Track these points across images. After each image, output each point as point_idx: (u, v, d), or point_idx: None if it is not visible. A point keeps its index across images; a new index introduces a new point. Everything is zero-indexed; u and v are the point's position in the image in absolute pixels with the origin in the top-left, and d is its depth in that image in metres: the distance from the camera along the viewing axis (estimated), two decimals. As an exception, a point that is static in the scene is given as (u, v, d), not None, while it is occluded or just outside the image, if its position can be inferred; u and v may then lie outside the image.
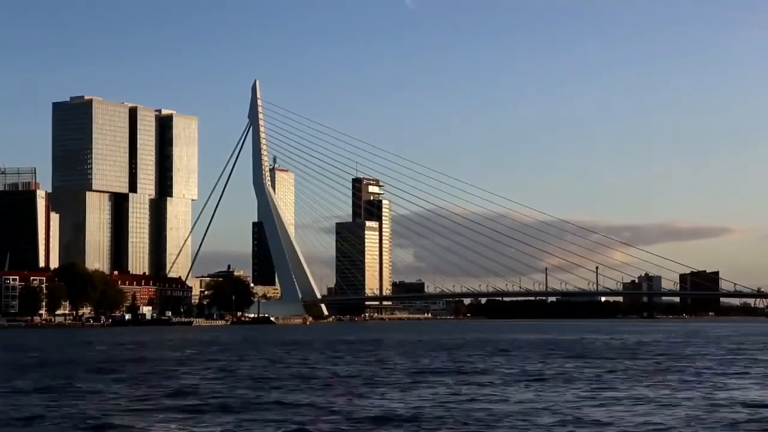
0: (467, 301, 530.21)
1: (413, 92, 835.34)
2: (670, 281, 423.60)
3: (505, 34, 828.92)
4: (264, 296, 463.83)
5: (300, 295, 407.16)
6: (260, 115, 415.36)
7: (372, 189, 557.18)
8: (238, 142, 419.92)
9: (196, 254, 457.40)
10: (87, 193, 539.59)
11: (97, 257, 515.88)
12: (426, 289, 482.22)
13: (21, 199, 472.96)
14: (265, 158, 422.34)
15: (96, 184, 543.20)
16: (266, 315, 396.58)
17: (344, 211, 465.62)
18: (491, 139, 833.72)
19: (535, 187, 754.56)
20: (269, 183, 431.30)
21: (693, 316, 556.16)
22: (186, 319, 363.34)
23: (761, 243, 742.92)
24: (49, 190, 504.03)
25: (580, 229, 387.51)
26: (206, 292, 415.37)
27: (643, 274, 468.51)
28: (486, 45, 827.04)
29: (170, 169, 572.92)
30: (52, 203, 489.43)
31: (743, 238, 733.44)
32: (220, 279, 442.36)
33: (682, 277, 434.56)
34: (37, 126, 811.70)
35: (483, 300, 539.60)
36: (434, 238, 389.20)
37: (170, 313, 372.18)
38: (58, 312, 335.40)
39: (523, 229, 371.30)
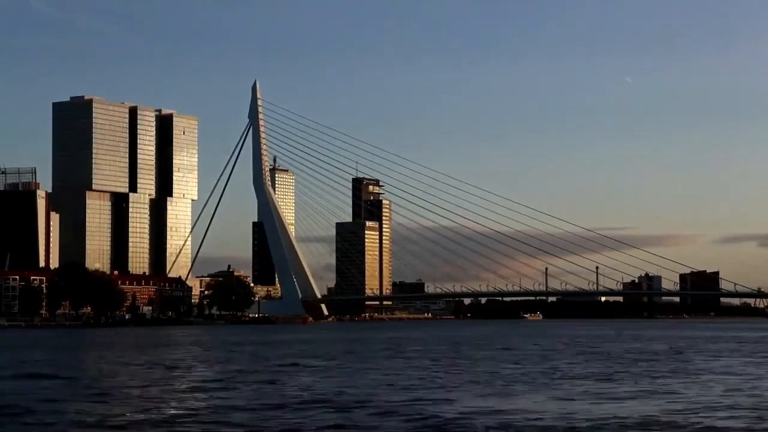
0: (467, 301, 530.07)
1: (413, 92, 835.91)
2: (670, 281, 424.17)
3: (508, 35, 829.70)
4: (268, 296, 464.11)
5: (300, 295, 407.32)
6: (260, 115, 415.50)
7: (372, 189, 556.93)
8: (238, 142, 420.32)
9: (196, 254, 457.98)
10: (87, 193, 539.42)
11: (97, 257, 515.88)
12: (426, 289, 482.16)
13: (21, 199, 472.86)
14: (265, 158, 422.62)
15: (96, 184, 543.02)
16: (266, 315, 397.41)
17: (344, 211, 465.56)
18: (491, 139, 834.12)
19: (535, 186, 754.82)
20: (269, 183, 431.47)
21: (693, 315, 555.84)
22: (186, 318, 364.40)
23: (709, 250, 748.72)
24: (49, 190, 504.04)
25: (579, 229, 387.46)
26: (206, 292, 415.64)
27: (643, 274, 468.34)
28: (486, 46, 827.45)
29: (170, 169, 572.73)
30: (52, 203, 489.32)
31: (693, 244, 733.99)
32: (221, 279, 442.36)
33: (682, 277, 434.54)
34: (37, 126, 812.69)
35: (483, 300, 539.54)
36: (434, 238, 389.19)
37: (171, 313, 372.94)
38: (58, 312, 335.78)
39: (523, 229, 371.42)
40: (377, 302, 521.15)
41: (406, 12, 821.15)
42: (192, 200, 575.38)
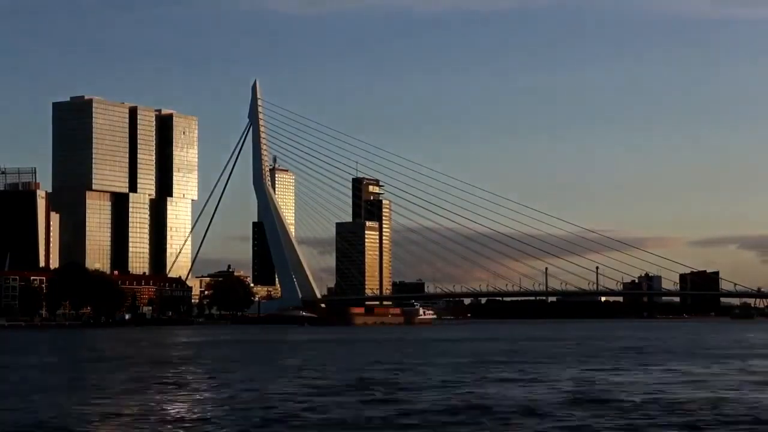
0: (467, 301, 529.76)
1: (414, 92, 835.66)
2: (670, 281, 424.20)
3: (508, 38, 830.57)
4: (269, 296, 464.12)
5: (300, 295, 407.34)
6: (260, 115, 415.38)
7: (372, 189, 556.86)
8: (238, 142, 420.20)
9: (196, 254, 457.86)
10: (87, 193, 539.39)
11: (97, 257, 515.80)
12: (426, 289, 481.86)
13: (21, 199, 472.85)
14: (265, 158, 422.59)
15: (96, 184, 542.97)
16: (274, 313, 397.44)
17: (344, 211, 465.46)
18: (491, 139, 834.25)
19: (535, 187, 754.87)
20: (269, 183, 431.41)
21: (693, 316, 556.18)
22: (188, 318, 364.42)
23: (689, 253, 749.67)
24: (49, 190, 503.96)
25: (580, 229, 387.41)
26: (206, 292, 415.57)
27: (643, 274, 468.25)
28: (486, 47, 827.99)
29: (170, 169, 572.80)
30: (52, 203, 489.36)
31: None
32: (221, 279, 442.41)
33: (682, 277, 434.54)
34: (37, 126, 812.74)
35: (483, 300, 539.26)
36: (435, 238, 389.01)
37: (171, 313, 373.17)
38: (58, 312, 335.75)
39: (523, 229, 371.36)
40: (377, 302, 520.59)
41: (406, 12, 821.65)
42: (192, 200, 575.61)
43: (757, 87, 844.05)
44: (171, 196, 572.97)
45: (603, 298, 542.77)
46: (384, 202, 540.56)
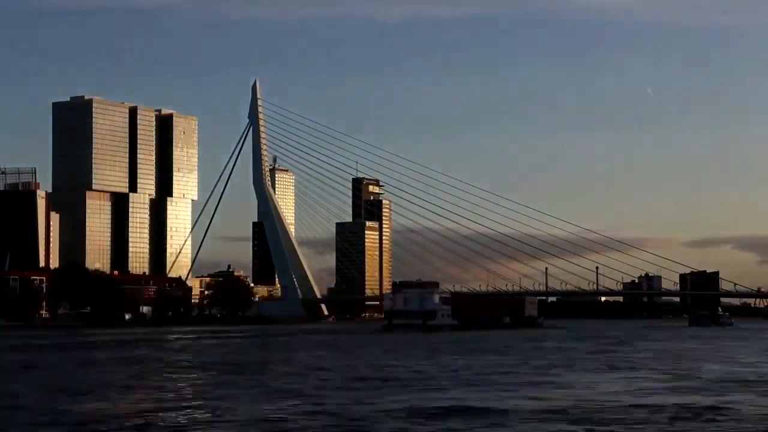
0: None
1: (413, 92, 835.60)
2: (670, 281, 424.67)
3: (508, 38, 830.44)
4: (271, 296, 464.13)
5: (300, 295, 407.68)
6: (260, 115, 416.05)
7: (372, 189, 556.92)
8: (238, 142, 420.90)
9: (196, 254, 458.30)
10: (87, 192, 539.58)
11: (97, 257, 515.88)
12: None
13: (21, 199, 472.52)
14: (265, 158, 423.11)
15: (96, 184, 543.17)
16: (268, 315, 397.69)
17: (344, 211, 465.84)
18: (492, 139, 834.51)
19: (535, 187, 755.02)
20: (269, 183, 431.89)
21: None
22: (191, 317, 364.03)
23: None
24: (49, 190, 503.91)
25: (580, 229, 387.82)
26: (206, 292, 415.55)
27: (643, 274, 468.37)
28: (486, 48, 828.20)
29: (170, 169, 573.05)
30: (52, 203, 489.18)
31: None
32: (220, 279, 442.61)
33: (682, 277, 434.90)
34: (37, 126, 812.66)
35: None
36: (435, 238, 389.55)
37: (170, 313, 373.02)
38: (58, 312, 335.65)
39: (523, 229, 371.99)
40: (377, 302, 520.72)
41: (406, 12, 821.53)
42: (192, 200, 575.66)
43: (756, 88, 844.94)
44: (171, 196, 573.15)
45: (603, 298, 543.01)
46: (384, 202, 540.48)
